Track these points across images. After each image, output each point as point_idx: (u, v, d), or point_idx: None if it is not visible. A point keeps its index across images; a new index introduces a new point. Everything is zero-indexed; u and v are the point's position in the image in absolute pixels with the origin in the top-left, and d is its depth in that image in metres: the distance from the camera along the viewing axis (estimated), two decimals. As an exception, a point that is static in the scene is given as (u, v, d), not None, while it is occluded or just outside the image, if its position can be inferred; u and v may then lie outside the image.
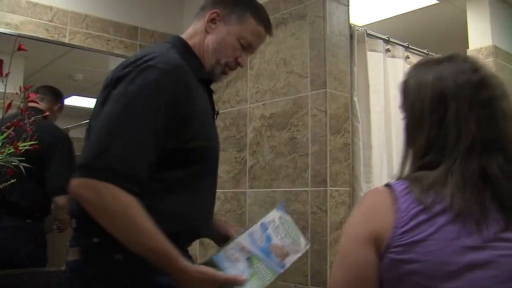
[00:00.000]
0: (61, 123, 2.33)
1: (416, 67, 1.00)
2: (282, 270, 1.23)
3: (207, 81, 1.30)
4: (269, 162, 2.12)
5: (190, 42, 1.29)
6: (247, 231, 1.22)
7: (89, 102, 2.58)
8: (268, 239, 1.23)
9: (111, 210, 1.02)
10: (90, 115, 1.20)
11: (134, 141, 1.05)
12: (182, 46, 1.27)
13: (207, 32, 1.29)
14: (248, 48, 1.31)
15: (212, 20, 1.29)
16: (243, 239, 1.20)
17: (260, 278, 1.18)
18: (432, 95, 0.90)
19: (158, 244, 1.03)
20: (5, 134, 1.56)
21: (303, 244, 1.28)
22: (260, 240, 1.21)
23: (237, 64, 1.31)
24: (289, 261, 1.24)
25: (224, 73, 1.31)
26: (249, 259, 1.18)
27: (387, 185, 0.89)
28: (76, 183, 1.03)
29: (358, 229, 0.86)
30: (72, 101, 2.45)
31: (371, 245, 0.83)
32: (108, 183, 1.01)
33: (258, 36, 1.32)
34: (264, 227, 1.24)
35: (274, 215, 1.26)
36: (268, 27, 1.33)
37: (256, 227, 1.23)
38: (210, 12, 1.29)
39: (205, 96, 1.26)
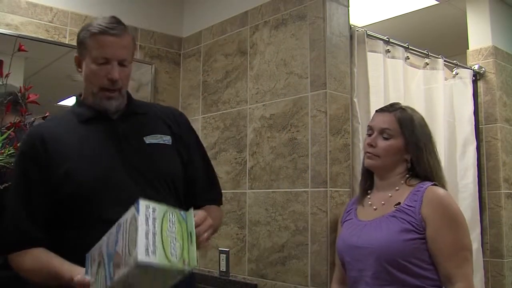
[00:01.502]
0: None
1: (409, 109, 1.62)
2: (109, 284, 0.99)
3: (94, 118, 1.36)
4: (269, 162, 2.12)
5: (82, 93, 1.42)
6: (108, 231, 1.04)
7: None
8: (116, 242, 1.00)
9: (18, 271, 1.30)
10: None
11: (7, 216, 1.29)
12: (75, 101, 1.45)
13: (82, 76, 1.38)
14: (108, 61, 1.30)
15: (78, 65, 1.37)
16: (103, 240, 1.05)
17: None
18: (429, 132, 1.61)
19: (48, 278, 1.21)
20: (5, 135, 1.56)
21: (133, 256, 0.91)
22: (111, 243, 1.02)
23: (110, 80, 1.31)
24: (117, 275, 0.96)
25: (106, 97, 1.34)
26: (99, 264, 1.04)
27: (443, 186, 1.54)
28: None
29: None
30: (72, 102, 2.45)
31: None
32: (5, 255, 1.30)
33: (102, 46, 1.30)
34: (118, 228, 1.01)
35: (130, 213, 0.98)
36: (104, 31, 1.30)
37: (113, 228, 1.03)
38: (74, 59, 1.39)
39: (90, 133, 1.34)
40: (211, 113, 2.46)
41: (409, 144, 1.54)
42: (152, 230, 0.94)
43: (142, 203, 0.97)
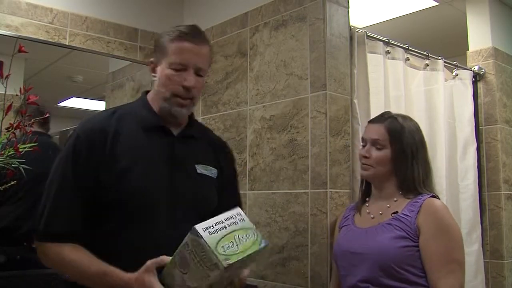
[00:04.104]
0: (61, 125, 2.33)
1: (400, 117, 1.62)
2: None
3: (157, 128, 1.34)
4: (269, 164, 2.12)
5: (150, 96, 1.40)
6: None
7: (89, 104, 2.58)
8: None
9: (45, 262, 1.24)
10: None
11: (52, 202, 1.22)
12: (141, 100, 1.41)
13: (154, 81, 1.38)
14: (185, 68, 1.30)
15: (153, 70, 1.37)
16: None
17: None
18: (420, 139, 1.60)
19: (89, 275, 1.17)
20: (5, 136, 1.56)
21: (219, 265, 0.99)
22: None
23: (185, 88, 1.30)
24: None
25: (179, 104, 1.32)
26: None
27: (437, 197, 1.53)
28: None
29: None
30: (72, 102, 2.46)
31: None
32: (38, 242, 1.23)
33: (182, 51, 1.30)
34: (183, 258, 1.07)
35: (188, 240, 1.04)
36: (186, 38, 1.31)
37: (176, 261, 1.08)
38: (148, 64, 1.39)
39: (150, 142, 1.32)
40: (211, 114, 2.46)
41: (396, 153, 1.57)
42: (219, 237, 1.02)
43: (199, 227, 1.01)
